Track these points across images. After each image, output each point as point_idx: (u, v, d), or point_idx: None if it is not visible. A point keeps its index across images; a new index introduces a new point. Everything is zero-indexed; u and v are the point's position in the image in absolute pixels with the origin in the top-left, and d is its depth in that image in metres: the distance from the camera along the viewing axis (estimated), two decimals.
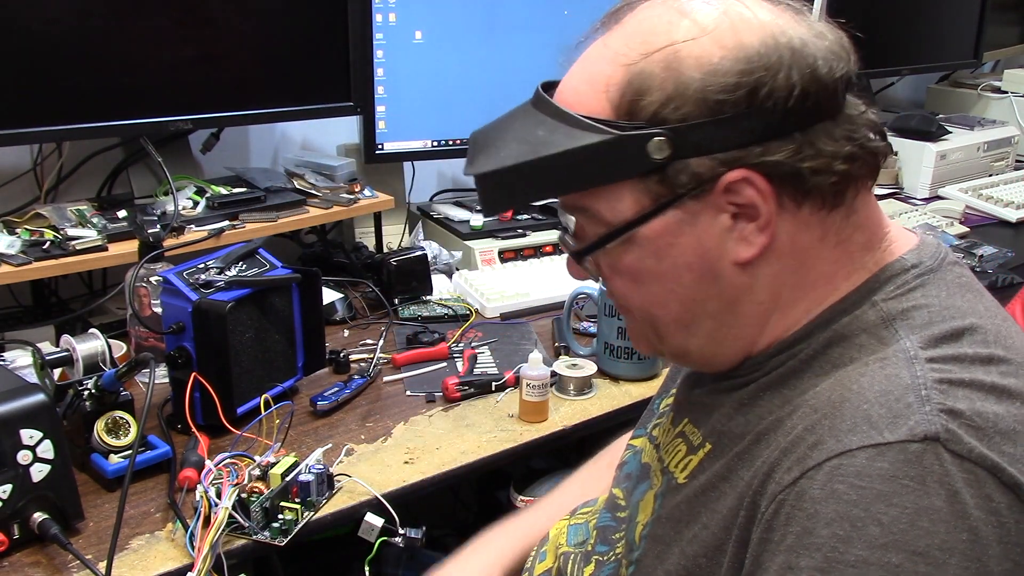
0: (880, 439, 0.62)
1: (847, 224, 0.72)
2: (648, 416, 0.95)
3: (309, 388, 1.35)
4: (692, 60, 0.67)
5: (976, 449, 0.61)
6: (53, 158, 1.66)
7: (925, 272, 0.72)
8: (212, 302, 1.16)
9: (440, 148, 1.93)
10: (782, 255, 0.71)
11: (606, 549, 0.88)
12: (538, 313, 1.64)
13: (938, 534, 0.59)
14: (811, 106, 0.67)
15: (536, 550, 1.00)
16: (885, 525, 0.60)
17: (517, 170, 0.71)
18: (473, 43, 1.87)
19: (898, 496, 0.60)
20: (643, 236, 0.71)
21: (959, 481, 0.60)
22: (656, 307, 0.75)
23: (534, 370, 1.33)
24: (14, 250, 1.40)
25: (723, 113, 0.67)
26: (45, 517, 0.98)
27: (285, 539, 1.01)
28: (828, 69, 0.68)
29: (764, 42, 0.67)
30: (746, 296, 0.72)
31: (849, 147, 0.69)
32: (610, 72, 0.70)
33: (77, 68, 1.48)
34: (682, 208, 0.69)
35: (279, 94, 1.70)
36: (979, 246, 1.93)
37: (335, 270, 1.74)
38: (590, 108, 0.70)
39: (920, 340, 0.67)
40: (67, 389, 1.12)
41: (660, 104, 0.67)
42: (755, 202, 0.68)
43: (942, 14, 2.75)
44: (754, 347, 0.74)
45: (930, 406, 0.63)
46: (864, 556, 0.60)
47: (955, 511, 0.60)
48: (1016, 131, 2.60)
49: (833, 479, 0.62)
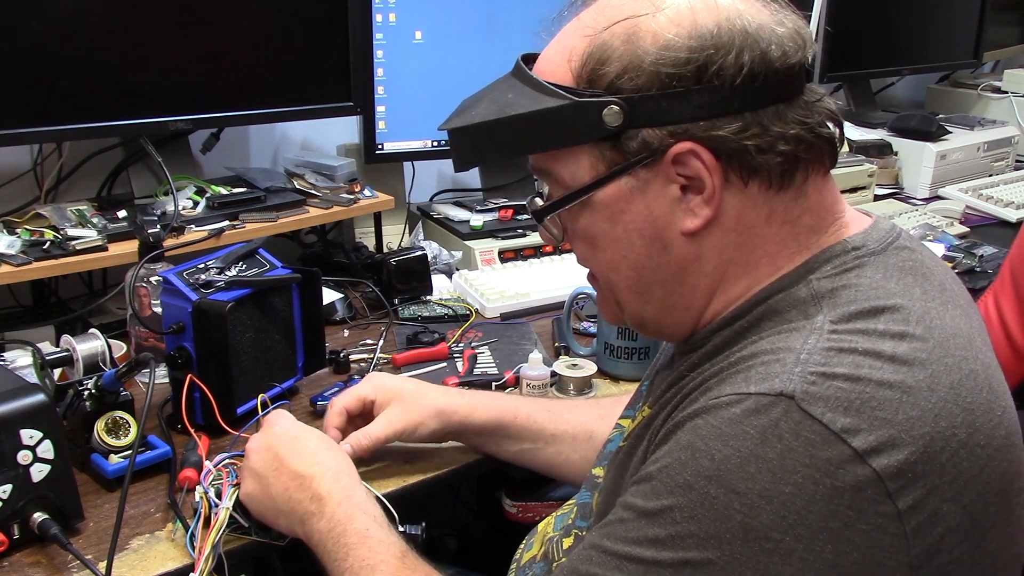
0: (744, 390, 0.67)
1: (795, 206, 0.75)
2: (636, 398, 0.97)
3: (309, 388, 1.35)
4: (649, 35, 0.72)
5: (828, 413, 0.63)
6: (53, 158, 1.66)
7: (866, 254, 0.74)
8: (212, 302, 1.16)
9: (440, 148, 1.93)
10: (728, 230, 0.74)
11: (584, 524, 0.91)
12: (538, 313, 1.64)
13: (761, 481, 0.63)
14: (760, 87, 0.71)
15: (525, 540, 1.01)
16: (717, 461, 0.65)
17: (483, 127, 0.77)
18: (473, 43, 1.87)
19: (736, 439, 0.65)
20: (598, 200, 0.76)
21: (798, 439, 0.63)
22: (612, 272, 0.80)
23: (534, 370, 1.33)
24: (14, 250, 1.40)
25: (673, 87, 0.71)
26: (45, 517, 0.98)
27: (285, 539, 1.01)
28: (781, 54, 0.72)
29: (718, 23, 0.71)
30: (693, 266, 0.76)
31: (797, 130, 0.72)
32: (575, 42, 0.75)
33: (77, 68, 1.48)
34: (634, 176, 0.74)
35: (279, 94, 1.70)
36: (979, 246, 1.93)
37: (335, 270, 1.74)
38: (556, 76, 0.76)
39: (834, 315, 0.70)
40: (67, 389, 1.12)
41: (616, 74, 0.72)
42: (701, 175, 0.72)
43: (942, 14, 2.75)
44: (700, 320, 0.79)
45: (801, 367, 0.66)
46: (690, 481, 0.66)
47: (784, 465, 0.63)
48: (1016, 131, 2.60)
49: (698, 415, 0.68)
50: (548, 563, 0.93)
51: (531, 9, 1.89)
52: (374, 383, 1.14)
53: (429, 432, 1.12)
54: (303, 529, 0.94)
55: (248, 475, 0.99)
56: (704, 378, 0.73)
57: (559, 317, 1.54)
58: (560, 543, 0.92)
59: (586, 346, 1.47)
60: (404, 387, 1.14)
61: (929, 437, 0.64)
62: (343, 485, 0.95)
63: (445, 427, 1.13)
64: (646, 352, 1.39)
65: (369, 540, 0.90)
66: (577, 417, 1.15)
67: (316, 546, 0.93)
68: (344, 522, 0.92)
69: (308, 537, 0.94)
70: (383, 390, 1.13)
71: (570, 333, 1.48)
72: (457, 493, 2.01)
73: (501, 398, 1.17)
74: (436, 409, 1.12)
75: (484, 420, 1.13)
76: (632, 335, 1.38)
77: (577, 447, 1.13)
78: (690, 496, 0.65)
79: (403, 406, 1.12)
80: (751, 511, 0.63)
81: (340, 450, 1.02)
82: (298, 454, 0.97)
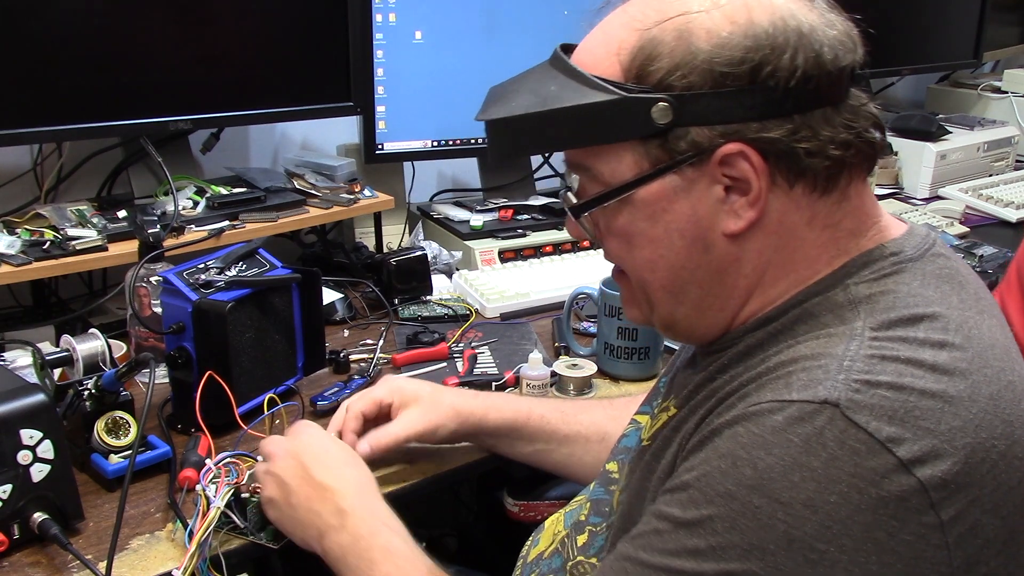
0: (787, 396, 0.65)
1: (837, 209, 0.73)
2: (654, 394, 0.96)
3: (309, 388, 1.35)
4: (703, 31, 0.70)
5: (873, 422, 0.62)
6: (53, 158, 1.66)
7: (904, 260, 0.73)
8: (212, 302, 1.16)
9: (440, 148, 1.93)
10: (770, 232, 0.73)
11: (599, 520, 0.90)
12: (538, 313, 1.64)
13: (805, 490, 0.62)
14: (812, 90, 0.69)
15: (532, 537, 1.01)
16: (759, 470, 0.64)
17: (525, 120, 0.75)
18: (473, 43, 1.87)
19: (779, 447, 0.63)
20: (639, 198, 0.74)
21: (843, 447, 0.62)
22: (647, 271, 0.77)
23: (534, 370, 1.33)
24: (14, 250, 1.40)
25: (726, 86, 0.69)
26: (45, 517, 0.98)
27: (280, 542, 1.00)
28: (833, 57, 0.70)
29: (773, 23, 0.69)
30: (733, 268, 0.75)
31: (846, 134, 0.71)
32: (624, 36, 0.72)
33: (77, 68, 1.48)
34: (679, 174, 0.72)
35: (279, 94, 1.70)
36: (979, 246, 1.93)
37: (335, 270, 1.74)
38: (602, 69, 0.73)
39: (874, 322, 0.69)
40: (67, 389, 1.12)
41: (667, 71, 0.70)
42: (748, 176, 0.70)
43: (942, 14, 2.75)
44: (734, 321, 0.77)
45: (845, 375, 0.65)
46: (732, 491, 0.64)
47: (829, 475, 0.62)
48: (1016, 131, 2.60)
49: (737, 422, 0.67)
50: (562, 560, 0.92)
51: (531, 9, 1.89)
52: (390, 386, 1.14)
53: (447, 434, 1.12)
54: (321, 544, 0.93)
55: (271, 480, 0.98)
56: (741, 383, 0.71)
57: (559, 317, 1.54)
58: (574, 540, 0.91)
59: (586, 346, 1.47)
60: (422, 390, 1.13)
61: (970, 448, 0.63)
62: (367, 500, 0.95)
63: (462, 429, 1.13)
64: (646, 352, 1.39)
65: (394, 555, 0.89)
66: (590, 418, 1.15)
67: (336, 561, 0.92)
68: (368, 537, 0.91)
69: (326, 552, 0.93)
70: (400, 393, 1.13)
71: (570, 333, 1.48)
72: (457, 493, 2.01)
73: (515, 400, 1.17)
74: (455, 411, 1.12)
75: (498, 422, 1.13)
76: (632, 335, 1.38)
77: (590, 448, 1.13)
78: (732, 506, 0.64)
79: (422, 408, 1.11)
80: (795, 521, 0.62)
81: (364, 466, 1.01)
82: (324, 466, 0.97)
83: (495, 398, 1.17)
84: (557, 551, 0.93)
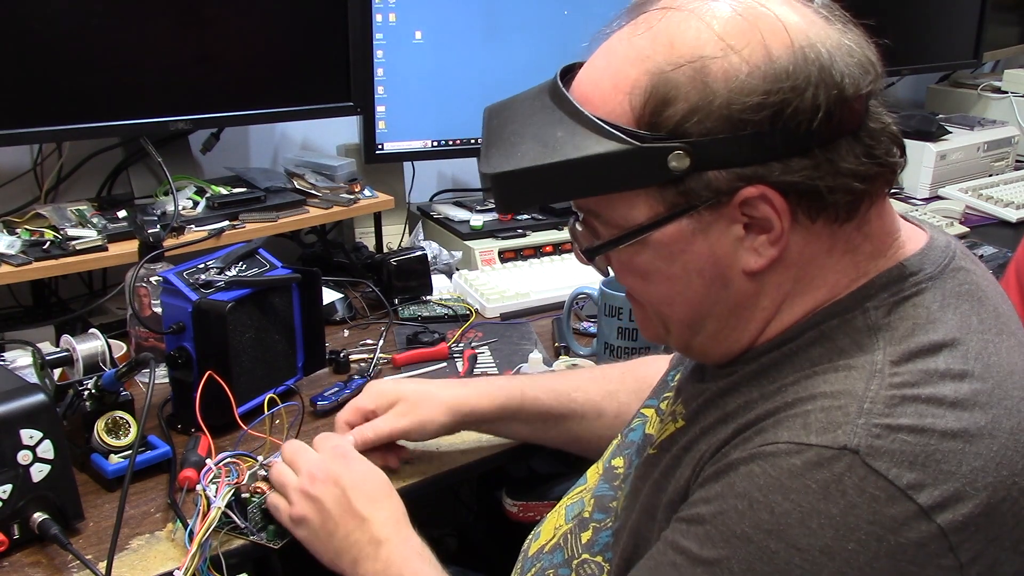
0: (805, 440, 0.64)
1: (857, 234, 0.72)
2: (661, 387, 0.96)
3: (309, 388, 1.35)
4: (720, 74, 0.66)
5: (893, 469, 0.61)
6: (53, 158, 1.66)
7: (924, 280, 0.72)
8: (212, 302, 1.16)
9: (440, 148, 1.93)
10: (790, 266, 0.71)
11: (603, 517, 0.90)
12: (538, 313, 1.64)
13: (823, 537, 0.61)
14: (835, 124, 0.67)
15: (533, 531, 1.01)
16: (777, 515, 0.63)
17: (533, 172, 0.70)
18: (473, 43, 1.87)
19: (796, 493, 0.63)
20: (655, 240, 0.71)
21: (863, 495, 0.61)
22: (664, 306, 0.76)
23: (534, 370, 1.33)
24: (14, 250, 1.40)
25: (745, 129, 0.66)
26: (45, 517, 0.98)
27: (281, 541, 1.00)
28: (854, 88, 0.67)
29: (793, 59, 0.66)
30: (752, 302, 0.73)
31: (868, 165, 0.69)
32: (635, 76, 0.68)
33: (77, 68, 1.48)
34: (696, 217, 0.70)
35: (279, 94, 1.70)
36: (979, 246, 1.93)
37: (335, 270, 1.73)
38: (610, 111, 0.69)
39: (894, 353, 0.68)
40: (67, 389, 1.12)
41: (683, 116, 0.67)
42: (770, 217, 0.68)
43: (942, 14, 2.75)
44: (752, 345, 0.76)
45: (865, 419, 0.64)
46: (748, 534, 0.64)
47: (848, 523, 0.61)
48: (1016, 131, 2.60)
49: (754, 461, 0.66)
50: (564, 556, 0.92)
51: (531, 9, 1.89)
52: (370, 392, 1.13)
53: (440, 427, 1.11)
54: (355, 571, 0.94)
55: (308, 502, 0.97)
56: (757, 415, 0.69)
57: (559, 317, 1.54)
58: (578, 537, 0.91)
59: (586, 346, 1.47)
60: (403, 388, 1.13)
61: (992, 488, 0.63)
62: (402, 531, 0.96)
63: (455, 419, 1.11)
64: (646, 352, 1.39)
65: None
66: (584, 396, 1.14)
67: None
68: (400, 564, 0.92)
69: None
70: (381, 396, 1.12)
71: (570, 333, 1.48)
72: (457, 493, 2.01)
73: (506, 383, 1.15)
74: (443, 405, 1.11)
75: (490, 408, 1.12)
76: (632, 335, 1.38)
77: (586, 425, 1.13)
78: (748, 549, 0.63)
79: (406, 405, 1.11)
80: (812, 567, 0.61)
81: (397, 496, 1.00)
82: (365, 496, 0.96)
83: (486, 384, 1.15)
84: (559, 546, 0.93)
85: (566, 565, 0.91)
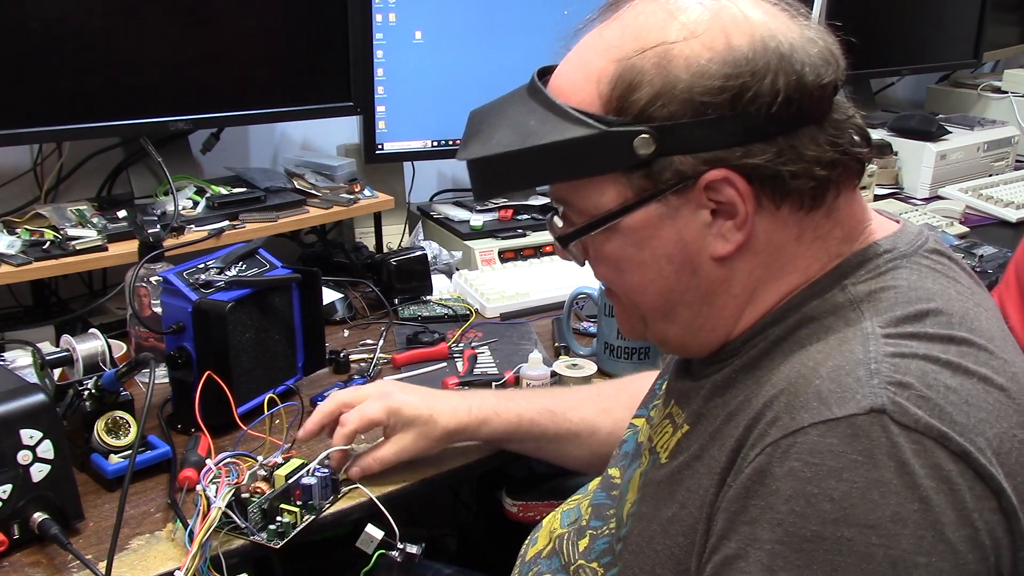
0: (829, 415, 0.63)
1: (826, 222, 0.73)
2: (650, 396, 0.96)
3: (309, 388, 1.35)
4: (681, 60, 0.69)
5: (923, 419, 0.62)
6: (53, 158, 1.66)
7: (898, 257, 0.73)
8: (212, 302, 1.16)
9: (440, 148, 1.93)
10: (758, 252, 0.73)
11: (600, 524, 0.90)
12: (538, 313, 1.64)
13: (889, 506, 0.61)
14: (795, 111, 0.69)
15: (530, 536, 1.01)
16: (836, 500, 0.61)
17: (505, 158, 0.73)
18: (473, 43, 1.87)
19: (847, 471, 0.62)
20: (625, 226, 0.73)
21: (907, 452, 0.61)
22: (637, 294, 0.78)
23: (534, 370, 1.33)
24: (14, 250, 1.40)
25: (707, 114, 0.68)
26: (45, 517, 0.98)
27: (281, 541, 1.00)
28: (815, 76, 0.69)
29: (753, 46, 0.68)
30: (722, 289, 0.74)
31: (832, 153, 0.70)
32: (602, 65, 0.71)
33: (77, 68, 1.48)
34: (664, 202, 0.72)
35: (279, 94, 1.70)
36: (979, 246, 1.93)
37: (335, 270, 1.74)
38: (580, 99, 0.72)
39: (882, 320, 0.69)
40: (67, 389, 1.12)
41: (648, 101, 0.69)
42: (734, 201, 0.70)
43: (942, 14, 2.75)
44: (730, 335, 0.77)
45: (878, 379, 0.64)
46: (819, 531, 0.62)
47: (904, 482, 0.61)
48: (1016, 131, 2.60)
49: (789, 456, 0.64)
50: (560, 561, 0.92)
51: (531, 9, 1.89)
52: (387, 408, 1.10)
53: (436, 452, 1.15)
54: None
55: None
56: (763, 404, 0.68)
57: (559, 317, 1.54)
58: (575, 543, 0.91)
59: (586, 346, 1.47)
60: (419, 415, 1.10)
61: (998, 439, 0.64)
62: None
63: (450, 444, 1.15)
64: (646, 352, 1.39)
65: None
66: (579, 415, 1.15)
67: None
68: None
69: None
70: (397, 416, 1.10)
71: (570, 333, 1.48)
72: (457, 493, 2.01)
73: (504, 408, 1.14)
74: (447, 435, 1.12)
75: (489, 435, 1.14)
76: None
77: (581, 444, 1.14)
78: (824, 547, 0.61)
79: (416, 434, 1.11)
80: (891, 540, 0.60)
81: None
82: None
83: (487, 412, 1.13)
84: (555, 551, 0.93)
85: (563, 571, 0.91)
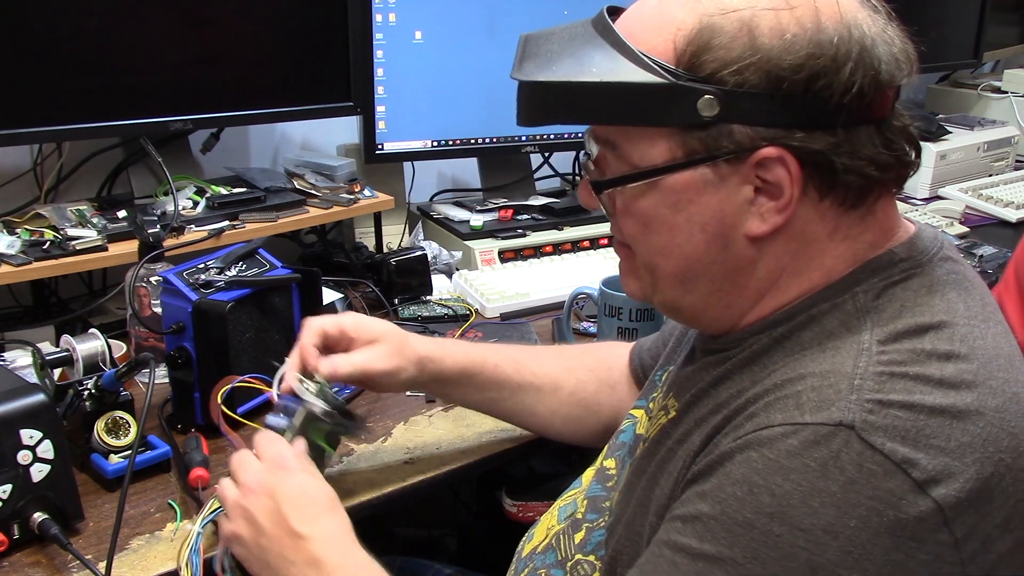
0: (800, 419, 0.64)
1: (860, 223, 0.73)
2: (650, 388, 0.96)
3: None
4: (767, 28, 0.67)
5: (887, 443, 0.62)
6: (53, 158, 1.66)
7: (912, 267, 0.73)
8: (212, 302, 1.16)
9: (440, 148, 1.93)
10: (791, 239, 0.72)
11: (596, 516, 0.90)
12: (538, 313, 1.64)
13: (826, 516, 0.61)
14: (864, 106, 0.68)
15: (527, 533, 1.01)
16: (777, 496, 0.63)
17: (564, 87, 0.71)
18: (473, 43, 1.87)
19: (796, 473, 0.63)
20: (667, 185, 0.72)
21: (861, 470, 0.61)
22: (659, 256, 0.76)
23: None
24: (14, 250, 1.40)
25: (780, 90, 0.67)
26: (45, 517, 0.98)
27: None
28: (889, 76, 0.69)
29: (839, 32, 0.67)
30: (748, 269, 0.74)
31: (886, 155, 0.70)
32: (683, 17, 0.69)
33: (77, 68, 1.48)
34: (713, 169, 0.70)
35: (279, 94, 1.70)
36: (979, 246, 1.93)
37: (335, 270, 1.74)
38: (652, 46, 0.70)
39: (881, 333, 0.69)
40: (67, 389, 1.12)
41: (722, 64, 0.67)
42: (782, 182, 0.69)
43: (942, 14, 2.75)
44: (742, 320, 0.76)
45: (857, 395, 0.64)
46: (751, 519, 0.63)
47: (848, 499, 0.61)
48: (1016, 131, 2.60)
49: (750, 447, 0.65)
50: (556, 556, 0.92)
51: (531, 9, 1.89)
52: (356, 319, 1.05)
53: (407, 378, 1.06)
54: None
55: (241, 516, 0.88)
56: (747, 399, 0.70)
57: (559, 317, 1.54)
58: (571, 537, 0.91)
59: None
60: (387, 329, 1.06)
61: (980, 464, 0.63)
62: (345, 549, 0.86)
63: (421, 375, 1.07)
64: None
65: None
66: (543, 368, 1.13)
67: None
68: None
69: None
70: (366, 329, 1.04)
71: (570, 333, 1.48)
72: (457, 493, 2.01)
73: (471, 348, 1.12)
74: (417, 356, 1.06)
75: (453, 368, 1.09)
76: (632, 335, 1.38)
77: (542, 399, 1.12)
78: (751, 535, 0.63)
79: (389, 348, 1.04)
80: (817, 548, 0.61)
81: (342, 510, 0.90)
82: (302, 512, 0.86)
83: (451, 344, 1.12)
84: (551, 546, 0.93)
85: (559, 566, 0.91)
